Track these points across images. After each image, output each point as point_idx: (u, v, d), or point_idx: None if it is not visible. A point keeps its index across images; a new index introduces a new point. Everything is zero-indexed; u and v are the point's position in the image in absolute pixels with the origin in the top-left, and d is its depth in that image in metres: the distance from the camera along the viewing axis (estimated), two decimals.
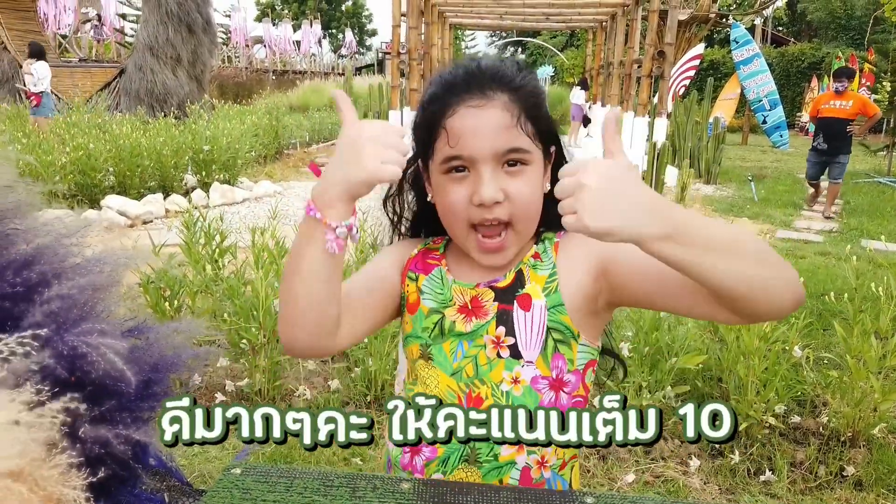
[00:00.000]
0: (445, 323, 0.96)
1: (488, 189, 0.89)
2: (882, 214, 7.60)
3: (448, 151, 0.92)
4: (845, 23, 25.82)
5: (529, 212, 0.94)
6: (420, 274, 1.02)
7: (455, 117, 0.92)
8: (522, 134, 0.92)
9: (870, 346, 2.47)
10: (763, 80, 14.85)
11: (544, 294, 0.95)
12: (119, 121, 8.26)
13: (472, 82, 0.93)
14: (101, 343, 0.64)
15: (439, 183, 0.96)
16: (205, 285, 2.96)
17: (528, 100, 0.94)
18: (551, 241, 1.00)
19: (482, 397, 0.92)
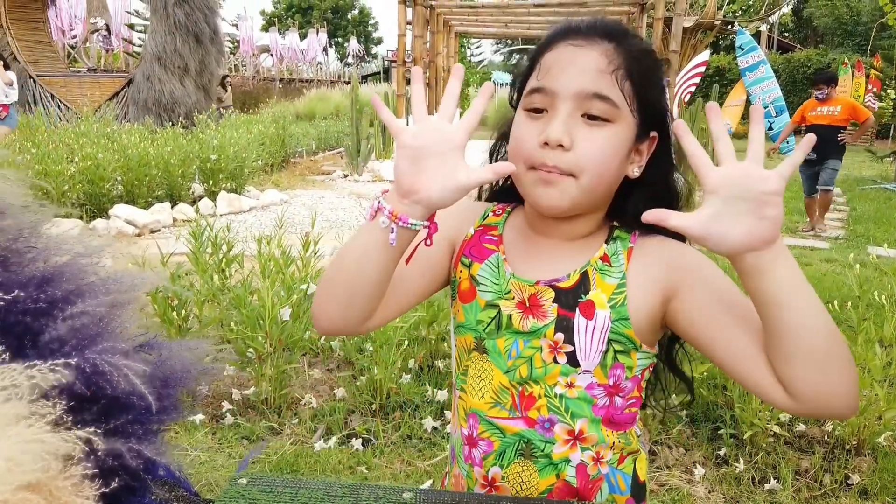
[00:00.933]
0: (502, 317, 0.92)
1: (556, 128, 0.83)
2: (889, 221, 7.59)
3: (533, 84, 0.88)
4: (851, 28, 25.79)
5: (598, 169, 0.85)
6: (474, 261, 0.96)
7: (552, 52, 0.88)
8: (615, 87, 0.85)
9: (874, 354, 2.47)
10: (769, 86, 14.85)
11: (609, 305, 0.88)
12: (127, 130, 8.33)
13: (582, 26, 0.89)
14: (124, 364, 0.66)
15: (517, 121, 0.91)
16: (212, 294, 2.99)
17: (635, 59, 0.87)
18: (625, 243, 0.92)
19: (535, 396, 0.90)
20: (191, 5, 11.28)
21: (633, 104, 0.87)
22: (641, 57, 0.88)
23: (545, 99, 0.86)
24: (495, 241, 0.97)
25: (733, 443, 2.60)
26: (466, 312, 0.95)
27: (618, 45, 0.87)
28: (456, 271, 0.98)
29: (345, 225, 7.06)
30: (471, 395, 0.95)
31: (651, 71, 0.89)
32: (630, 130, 0.88)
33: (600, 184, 0.87)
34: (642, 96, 0.88)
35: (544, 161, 0.85)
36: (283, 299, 2.81)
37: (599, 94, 0.84)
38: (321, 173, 11.16)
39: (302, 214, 7.48)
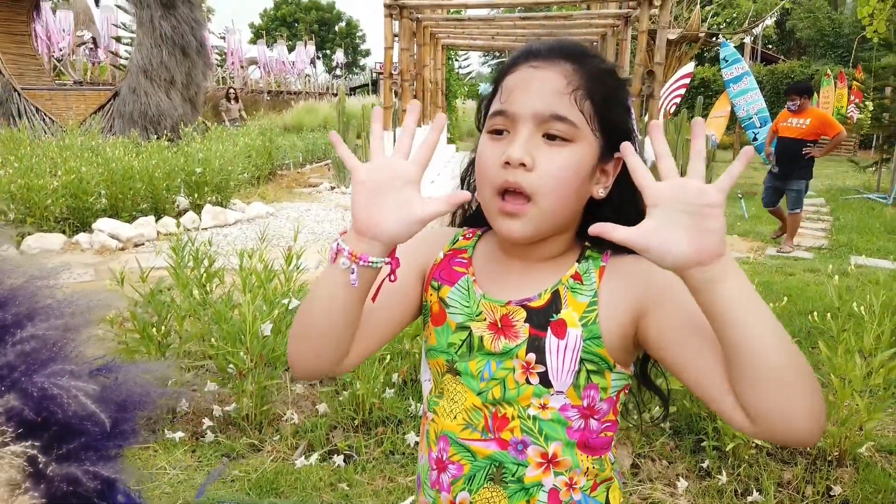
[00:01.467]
0: (474, 339, 0.92)
1: (517, 148, 0.85)
2: (871, 231, 7.66)
3: (495, 106, 0.90)
4: (833, 40, 26.15)
5: (557, 191, 0.86)
6: (444, 284, 0.97)
7: (513, 75, 0.90)
8: (574, 107, 0.86)
9: (854, 364, 2.48)
10: (753, 97, 15.01)
11: (581, 323, 0.88)
12: (112, 143, 8.29)
13: (542, 48, 0.90)
14: (72, 385, 0.65)
15: (480, 144, 0.92)
16: (193, 310, 2.96)
17: (595, 79, 0.88)
18: (597, 262, 0.92)
19: (508, 417, 0.89)
20: (177, 18, 11.28)
21: (594, 124, 0.87)
22: (602, 77, 0.89)
23: (506, 121, 0.88)
24: (464, 263, 0.98)
25: (716, 455, 2.60)
26: (438, 335, 0.95)
27: (577, 65, 0.87)
28: (426, 295, 0.98)
29: (331, 237, 7.03)
30: (443, 417, 0.94)
31: (613, 91, 0.90)
32: (592, 150, 0.88)
33: (561, 204, 0.87)
34: (604, 116, 0.88)
35: (506, 179, 0.85)
36: (265, 314, 2.79)
37: (557, 115, 0.85)
38: (308, 186, 11.14)
39: (288, 227, 7.45)
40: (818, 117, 6.72)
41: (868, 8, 4.56)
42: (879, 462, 2.61)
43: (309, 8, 50.08)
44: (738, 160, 0.77)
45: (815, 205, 9.87)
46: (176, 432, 2.68)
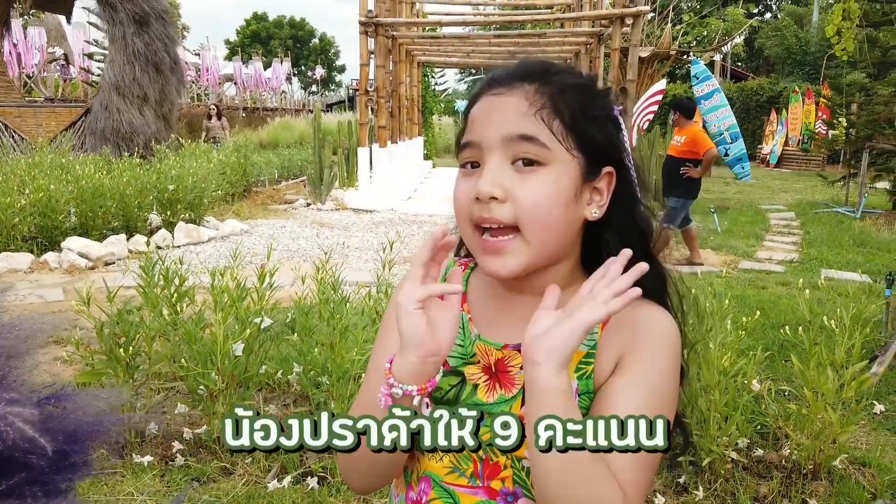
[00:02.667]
0: (466, 387, 0.86)
1: (484, 181, 0.79)
2: (840, 244, 7.79)
3: (463, 139, 0.85)
4: (801, 58, 26.76)
5: (541, 219, 0.80)
6: None
7: (476, 106, 0.85)
8: (542, 126, 0.80)
9: (826, 377, 2.50)
10: (723, 114, 15.25)
11: (577, 376, 0.81)
12: (82, 161, 8.16)
13: (503, 74, 0.86)
14: (9, 412, 0.61)
15: (455, 180, 0.87)
16: (162, 330, 2.90)
17: (562, 94, 0.82)
18: None
19: (500, 466, 0.82)
20: (151, 35, 11.20)
21: (568, 142, 0.81)
22: (571, 91, 0.83)
23: (474, 153, 0.83)
24: (460, 300, 0.92)
25: (692, 470, 2.60)
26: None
27: (540, 84, 0.82)
28: None
29: (305, 255, 6.98)
30: (426, 457, 0.86)
31: (586, 103, 0.84)
32: (571, 170, 0.82)
33: (549, 234, 0.81)
34: (580, 131, 0.82)
35: (481, 215, 0.80)
36: (237, 333, 2.74)
37: (524, 135, 0.80)
38: (284, 202, 11.06)
39: (262, 244, 7.37)
40: (691, 135, 6.64)
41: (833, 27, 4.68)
42: (853, 475, 2.62)
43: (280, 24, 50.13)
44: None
45: (786, 219, 10.04)
46: (144, 456, 2.61)
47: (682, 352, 0.87)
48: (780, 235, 8.66)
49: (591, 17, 10.99)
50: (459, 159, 0.86)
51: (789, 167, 20.33)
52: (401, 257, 6.14)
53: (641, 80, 15.07)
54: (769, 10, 37.66)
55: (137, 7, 10.95)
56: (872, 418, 3.13)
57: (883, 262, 6.78)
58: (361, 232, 8.49)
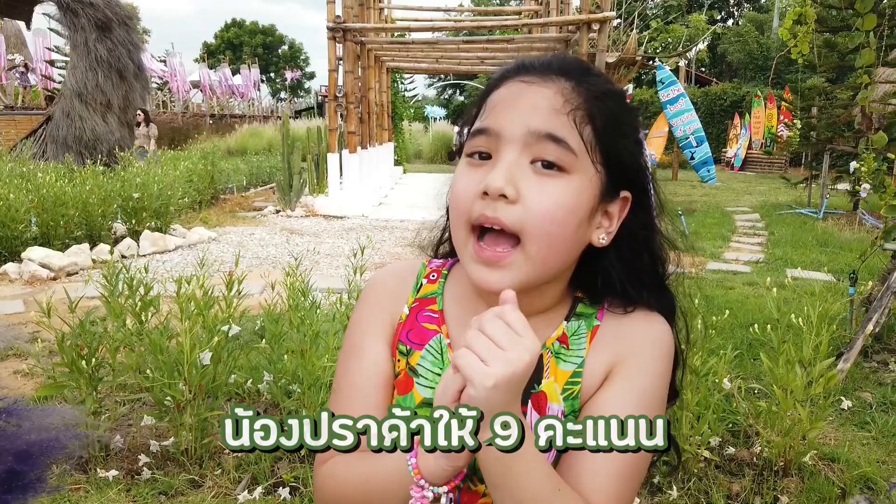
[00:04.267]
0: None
1: (498, 175, 0.70)
2: (804, 244, 7.95)
3: (476, 125, 0.76)
4: (762, 63, 27.37)
5: (551, 232, 0.71)
6: (413, 348, 0.82)
7: (500, 90, 0.76)
8: (573, 129, 0.72)
9: (795, 375, 2.53)
10: (689, 118, 15.54)
11: (563, 397, 0.77)
12: (43, 169, 7.96)
13: (536, 62, 0.77)
14: None
15: (458, 170, 0.77)
16: (126, 340, 2.82)
17: (598, 100, 0.74)
18: (589, 321, 0.80)
19: (479, 493, 0.78)
20: (113, 41, 10.99)
21: (595, 154, 0.74)
22: (607, 99, 0.76)
23: (489, 142, 0.74)
24: (436, 318, 0.84)
25: (666, 470, 2.60)
26: (399, 402, 0.83)
27: (577, 83, 0.75)
28: (394, 360, 0.84)
29: (275, 262, 6.89)
30: None
31: (619, 116, 0.77)
32: (592, 186, 0.74)
33: (554, 251, 0.73)
34: (608, 145, 0.75)
35: (483, 213, 0.72)
36: (204, 342, 2.67)
37: (552, 135, 0.71)
38: (252, 209, 10.93)
39: (230, 252, 7.26)
40: None
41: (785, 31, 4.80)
42: (823, 470, 2.66)
43: (254, 31, 49.79)
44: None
45: (751, 220, 10.22)
46: (109, 471, 2.53)
47: (677, 372, 0.83)
48: (745, 237, 8.81)
49: (559, 23, 11.08)
50: (468, 147, 0.77)
51: (753, 170, 20.75)
52: (372, 263, 6.09)
53: None
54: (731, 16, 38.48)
55: (100, 13, 10.74)
56: (840, 414, 3.19)
57: (845, 260, 6.92)
58: (332, 238, 8.42)
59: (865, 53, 3.57)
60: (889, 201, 3.54)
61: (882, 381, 3.57)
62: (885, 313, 3.52)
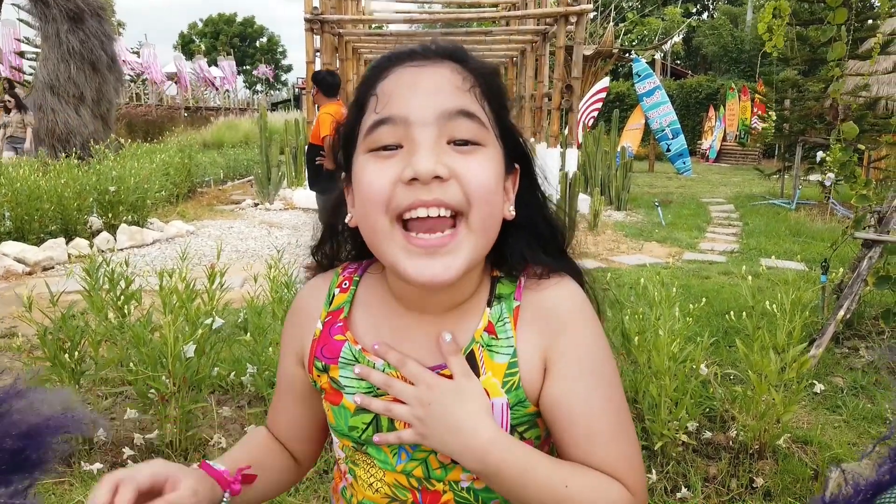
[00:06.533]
0: (381, 421, 0.77)
1: (425, 158, 0.67)
2: (778, 234, 8.10)
3: (374, 117, 0.71)
4: (736, 56, 27.71)
5: (488, 200, 0.70)
6: (329, 363, 0.81)
7: (389, 79, 0.73)
8: (478, 104, 0.72)
9: (769, 360, 2.60)
10: (665, 110, 15.70)
11: (505, 389, 0.75)
12: (16, 162, 7.82)
13: (420, 48, 0.76)
14: None
15: (360, 168, 0.72)
16: (108, 334, 2.81)
17: (487, 79, 0.75)
18: (510, 304, 0.78)
19: (439, 492, 0.77)
20: (86, 32, 10.81)
21: (495, 128, 0.75)
22: (493, 76, 0.77)
23: (396, 131, 0.70)
24: (341, 327, 0.82)
25: (645, 454, 2.67)
26: (336, 415, 0.81)
27: (463, 64, 0.75)
28: (312, 376, 0.83)
29: (255, 255, 6.86)
30: (363, 488, 0.82)
31: (504, 92, 0.78)
32: (499, 158, 0.75)
33: (492, 221, 0.72)
34: (502, 119, 0.76)
35: (418, 198, 0.68)
36: (188, 335, 2.67)
37: (465, 111, 0.70)
38: (230, 203, 10.84)
39: (209, 245, 7.22)
40: (319, 119, 5.80)
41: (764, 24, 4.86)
42: (796, 453, 2.74)
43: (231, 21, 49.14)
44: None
45: (726, 211, 10.38)
46: (93, 464, 2.53)
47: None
48: (721, 227, 8.95)
49: (536, 16, 11.12)
50: (369, 142, 0.72)
51: (728, 162, 21.03)
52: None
53: (585, 78, 15.35)
54: (706, 9, 38.84)
55: (71, 3, 10.55)
56: (812, 399, 3.28)
57: (817, 250, 7.07)
58: (312, 230, 8.38)
59: (837, 47, 3.65)
60: (860, 191, 3.63)
61: (853, 366, 3.67)
62: (855, 300, 3.62)
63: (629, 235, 8.10)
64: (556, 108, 10.04)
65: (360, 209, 0.73)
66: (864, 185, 3.67)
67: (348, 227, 0.82)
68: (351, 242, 0.89)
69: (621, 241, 7.73)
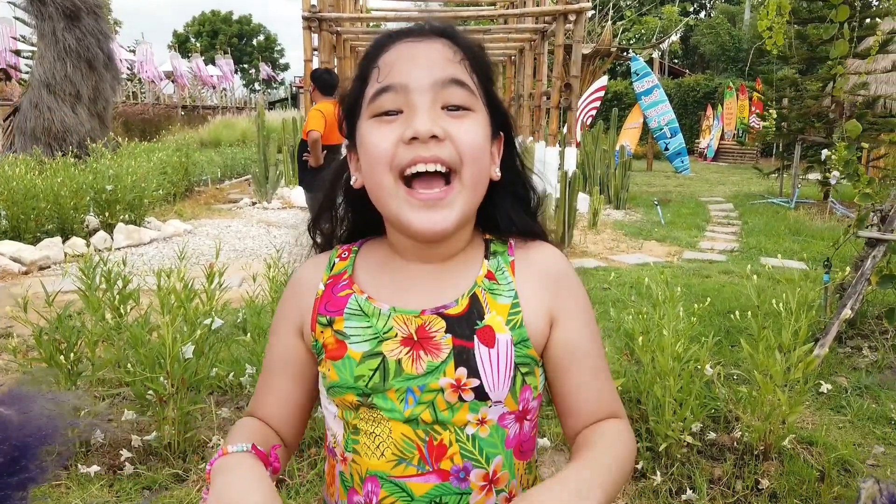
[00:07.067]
0: (388, 365, 0.80)
1: (422, 119, 0.77)
2: (777, 233, 8.09)
3: (377, 86, 0.81)
4: (734, 55, 27.70)
5: (477, 158, 0.81)
6: (334, 316, 0.85)
7: (389, 52, 0.83)
8: (468, 74, 0.82)
9: (774, 360, 2.58)
10: (663, 109, 15.69)
11: (509, 327, 0.82)
12: (12, 161, 7.77)
13: (415, 27, 0.86)
14: None
15: (365, 131, 0.82)
16: (105, 334, 2.78)
17: (475, 53, 0.85)
18: (505, 258, 0.88)
19: (445, 444, 0.80)
20: (82, 30, 10.74)
21: (483, 97, 0.84)
22: (480, 51, 0.87)
23: (396, 97, 0.79)
24: (346, 283, 0.88)
25: (650, 456, 2.64)
26: (339, 370, 0.83)
27: (454, 40, 0.84)
28: (315, 335, 0.86)
29: (253, 254, 6.82)
30: (367, 457, 0.82)
31: (490, 66, 0.88)
32: (486, 124, 0.84)
33: (482, 179, 0.83)
34: (488, 89, 0.86)
35: (418, 154, 0.77)
36: (186, 335, 2.64)
37: (456, 80, 0.80)
38: (228, 201, 10.80)
39: (207, 245, 7.18)
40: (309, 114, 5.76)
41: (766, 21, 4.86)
42: (802, 454, 2.71)
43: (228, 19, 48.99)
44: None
45: (725, 210, 10.37)
46: (91, 466, 2.49)
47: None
48: (720, 226, 8.94)
49: (535, 14, 11.08)
50: (372, 108, 0.81)
51: (725, 160, 21.03)
52: None
53: (584, 77, 15.32)
54: (703, 8, 38.85)
55: (67, 1, 10.49)
56: (816, 399, 3.25)
57: (817, 249, 7.06)
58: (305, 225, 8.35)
59: (840, 44, 3.63)
60: (863, 189, 3.61)
61: (856, 365, 3.65)
62: (858, 299, 3.59)
63: (628, 234, 8.08)
64: (555, 107, 10.00)
65: (366, 169, 0.82)
66: (868, 183, 3.64)
67: (346, 200, 0.93)
68: (349, 218, 0.96)
69: (621, 241, 7.71)
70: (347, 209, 0.95)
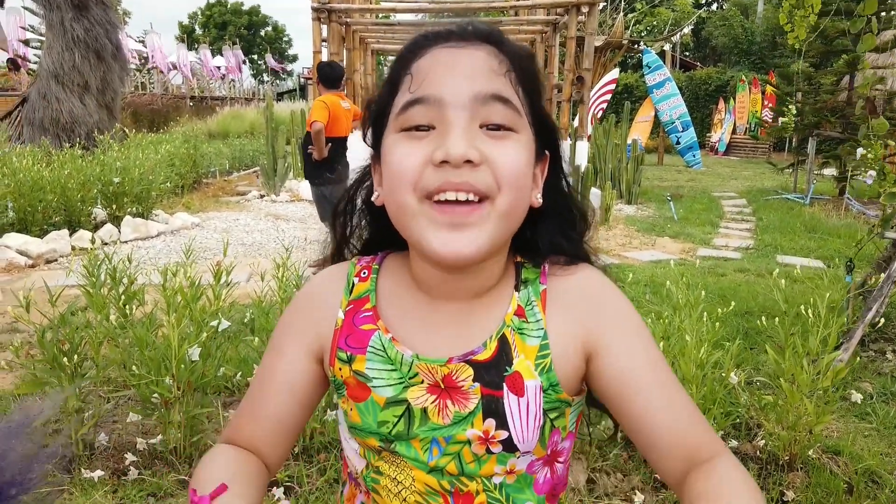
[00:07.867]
0: (414, 413, 0.74)
1: (457, 141, 0.67)
2: (793, 230, 7.95)
3: (408, 97, 0.71)
4: (747, 48, 27.38)
5: (517, 186, 0.70)
6: (355, 354, 0.77)
7: (425, 58, 0.72)
8: (512, 89, 0.71)
9: (802, 368, 2.48)
10: (675, 102, 15.52)
11: (538, 372, 0.74)
12: (19, 152, 7.72)
13: (456, 28, 0.75)
14: None
15: (390, 147, 0.72)
16: (110, 334, 2.70)
17: (522, 63, 0.74)
18: (536, 287, 0.78)
19: (472, 493, 0.75)
20: (91, 20, 10.67)
21: (528, 115, 0.74)
22: (529, 61, 0.76)
23: (429, 112, 0.69)
24: (370, 316, 0.79)
25: None
26: (362, 414, 0.76)
27: (499, 47, 0.74)
28: (333, 370, 0.79)
29: (261, 248, 6.75)
30: (388, 499, 0.78)
31: (539, 78, 0.77)
32: (531, 146, 0.74)
33: (520, 206, 0.72)
34: (535, 105, 0.75)
35: (448, 180, 0.67)
36: (192, 336, 2.56)
37: (499, 96, 0.70)
38: (236, 194, 10.73)
39: (215, 238, 7.11)
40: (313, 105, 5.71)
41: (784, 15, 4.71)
42: (828, 464, 2.61)
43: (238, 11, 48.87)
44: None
45: (739, 206, 10.22)
46: (94, 471, 2.43)
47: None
48: (734, 222, 8.80)
49: (547, 6, 10.93)
50: (401, 121, 0.71)
51: (737, 155, 20.81)
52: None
53: (595, 69, 15.15)
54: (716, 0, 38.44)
55: None
56: (840, 405, 3.15)
57: (834, 247, 6.93)
58: (320, 224, 8.27)
59: (868, 38, 3.50)
60: (889, 189, 3.49)
61: (881, 370, 3.54)
62: (884, 302, 3.48)
63: (641, 230, 7.96)
64: (566, 100, 9.87)
65: (387, 187, 0.73)
66: (894, 182, 3.52)
67: (366, 210, 0.85)
68: (367, 228, 0.88)
69: (633, 236, 7.59)
70: (363, 217, 0.88)
